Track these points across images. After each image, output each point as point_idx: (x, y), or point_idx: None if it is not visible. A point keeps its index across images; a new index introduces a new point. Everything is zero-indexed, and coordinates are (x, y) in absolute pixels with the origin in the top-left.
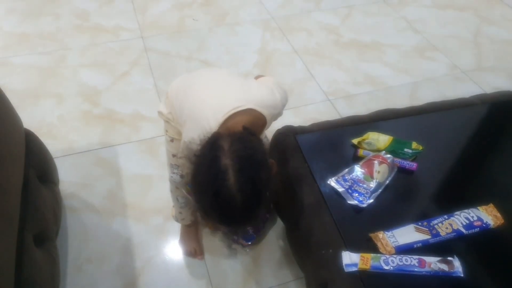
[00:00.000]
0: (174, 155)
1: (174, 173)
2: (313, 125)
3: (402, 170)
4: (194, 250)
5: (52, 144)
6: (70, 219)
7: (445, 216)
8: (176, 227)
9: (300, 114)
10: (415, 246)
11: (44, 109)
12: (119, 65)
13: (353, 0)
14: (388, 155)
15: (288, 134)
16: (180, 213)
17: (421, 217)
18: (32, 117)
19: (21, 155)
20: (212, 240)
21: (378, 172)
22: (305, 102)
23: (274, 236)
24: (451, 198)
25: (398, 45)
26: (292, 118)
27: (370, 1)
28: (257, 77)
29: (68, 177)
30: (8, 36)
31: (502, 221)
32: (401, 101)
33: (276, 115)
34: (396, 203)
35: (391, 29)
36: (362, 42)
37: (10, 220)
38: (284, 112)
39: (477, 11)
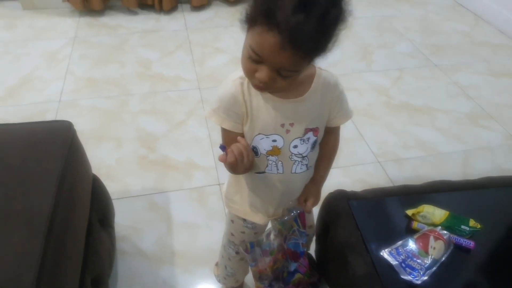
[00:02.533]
0: (232, 234)
1: (230, 247)
2: (365, 191)
3: (458, 247)
4: None
5: (109, 186)
6: (120, 262)
7: None
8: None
9: (348, 174)
10: None
11: (104, 151)
12: (176, 114)
13: (404, 63)
14: (445, 231)
15: (340, 199)
16: (225, 278)
17: None
18: (93, 158)
19: (88, 200)
20: None
21: (434, 248)
22: (354, 162)
23: None
24: None
25: (450, 111)
26: (340, 177)
27: (422, 64)
28: None
29: (122, 220)
30: (79, 80)
31: None
32: (453, 169)
33: None
34: (452, 283)
35: (443, 94)
36: (413, 105)
37: (76, 263)
38: (333, 170)
39: None
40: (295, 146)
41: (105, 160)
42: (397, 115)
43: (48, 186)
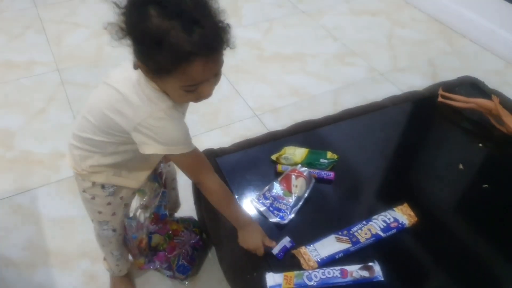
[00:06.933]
0: (100, 212)
1: (104, 229)
2: (233, 146)
3: (320, 181)
4: None
5: None
6: None
7: (364, 222)
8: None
9: (229, 133)
10: (337, 257)
11: None
12: (34, 102)
13: (273, 13)
14: (304, 168)
15: (209, 157)
16: (117, 265)
17: (342, 226)
18: None
19: None
20: (147, 281)
21: (296, 186)
22: (233, 120)
23: (210, 264)
24: (369, 203)
25: (319, 54)
26: (220, 137)
27: (290, 12)
28: None
29: None
30: None
31: (416, 219)
32: (325, 109)
33: None
34: (317, 215)
35: (312, 39)
36: (284, 54)
37: None
38: (212, 132)
39: (389, 15)
40: None
41: None
42: (270, 67)
43: None
